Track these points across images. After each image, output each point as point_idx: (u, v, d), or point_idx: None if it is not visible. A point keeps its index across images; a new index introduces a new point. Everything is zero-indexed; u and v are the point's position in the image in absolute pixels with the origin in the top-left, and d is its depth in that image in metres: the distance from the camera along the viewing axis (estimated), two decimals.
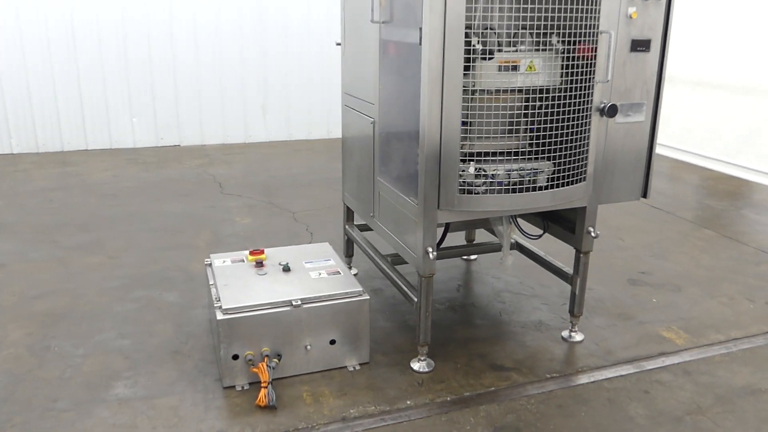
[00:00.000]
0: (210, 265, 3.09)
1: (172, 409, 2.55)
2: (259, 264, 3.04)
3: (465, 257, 4.12)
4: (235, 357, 2.67)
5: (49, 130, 6.78)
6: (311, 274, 2.97)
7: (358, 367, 2.87)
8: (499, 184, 2.66)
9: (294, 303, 2.71)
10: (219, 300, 2.71)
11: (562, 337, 3.17)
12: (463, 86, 2.47)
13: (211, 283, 2.92)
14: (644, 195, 3.05)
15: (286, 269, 3.00)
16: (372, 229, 3.73)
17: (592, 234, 2.95)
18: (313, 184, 5.84)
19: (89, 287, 3.62)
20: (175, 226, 4.66)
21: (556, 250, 3.49)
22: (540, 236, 3.14)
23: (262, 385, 2.59)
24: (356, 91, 3.31)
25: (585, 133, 2.72)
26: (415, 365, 2.88)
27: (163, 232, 4.52)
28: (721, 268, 4.06)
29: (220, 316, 2.62)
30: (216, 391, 2.67)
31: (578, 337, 3.15)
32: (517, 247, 3.60)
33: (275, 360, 2.68)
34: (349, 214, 3.75)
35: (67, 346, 3.00)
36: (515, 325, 3.30)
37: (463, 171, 2.58)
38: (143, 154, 6.89)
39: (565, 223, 3.11)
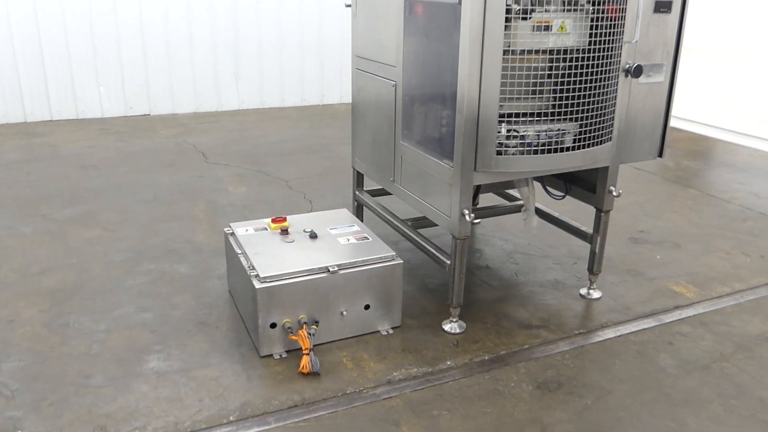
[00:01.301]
0: (232, 234, 3.01)
1: (214, 380, 2.50)
2: (284, 231, 2.98)
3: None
4: (273, 325, 2.63)
5: (10, 100, 6.37)
6: (339, 240, 2.94)
7: (390, 331, 2.87)
8: (529, 144, 2.68)
9: (331, 269, 2.68)
10: (254, 268, 2.65)
11: (581, 295, 3.26)
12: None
13: (239, 251, 2.85)
14: (660, 154, 3.14)
15: (313, 236, 2.95)
16: (387, 194, 3.72)
17: (614, 193, 3.03)
18: (299, 152, 5.74)
19: (93, 261, 3.47)
20: (166, 197, 4.50)
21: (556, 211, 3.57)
22: (563, 197, 3.19)
23: (304, 352, 2.56)
24: (372, 53, 3.25)
25: (612, 93, 2.76)
26: (447, 326, 2.92)
27: (157, 204, 4.36)
28: (712, 225, 4.24)
29: (258, 284, 2.56)
30: (254, 361, 2.63)
31: (596, 294, 3.25)
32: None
33: (314, 327, 2.66)
34: (359, 180, 3.71)
35: (86, 321, 2.88)
36: (533, 285, 3.37)
37: (499, 132, 2.59)
38: (113, 123, 6.58)
39: (584, 184, 3.17)
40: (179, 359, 2.63)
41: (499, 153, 2.60)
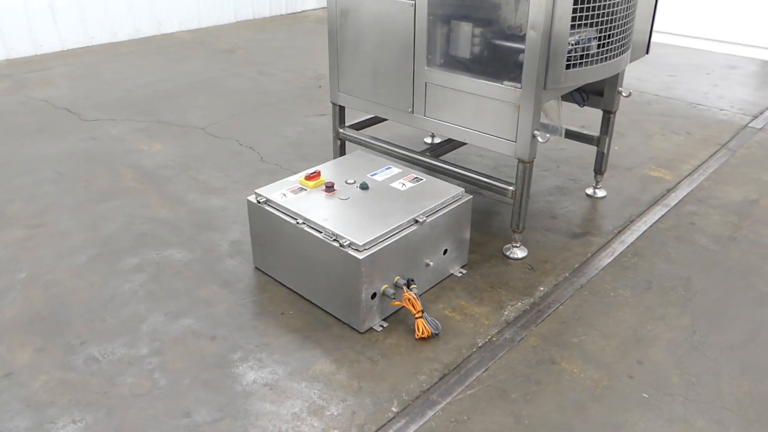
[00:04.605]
0: (267, 201, 2.51)
1: (333, 374, 2.14)
2: (330, 188, 2.56)
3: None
4: (373, 296, 2.31)
5: None
6: (395, 186, 2.62)
7: (464, 272, 2.72)
8: (574, 56, 2.60)
9: (419, 220, 2.39)
10: (342, 237, 2.25)
11: (587, 194, 3.40)
12: None
13: (296, 221, 2.39)
14: (647, 51, 3.29)
15: (364, 187, 2.59)
16: (367, 127, 3.42)
17: (624, 94, 3.12)
18: (185, 93, 4.91)
19: (52, 271, 2.66)
20: (73, 171, 3.57)
21: None
22: (584, 105, 3.20)
23: (416, 315, 2.31)
24: None
25: None
26: (509, 252, 2.84)
27: (69, 181, 3.43)
28: (630, 111, 4.64)
29: (359, 255, 2.19)
30: (359, 340, 2.30)
31: (601, 192, 3.41)
32: None
33: (414, 286, 2.39)
34: (341, 116, 3.30)
35: (116, 349, 2.23)
36: (542, 194, 3.41)
37: (571, 43, 2.46)
38: None
39: (588, 89, 3.21)
40: (276, 362, 2.19)
41: (567, 67, 2.49)
